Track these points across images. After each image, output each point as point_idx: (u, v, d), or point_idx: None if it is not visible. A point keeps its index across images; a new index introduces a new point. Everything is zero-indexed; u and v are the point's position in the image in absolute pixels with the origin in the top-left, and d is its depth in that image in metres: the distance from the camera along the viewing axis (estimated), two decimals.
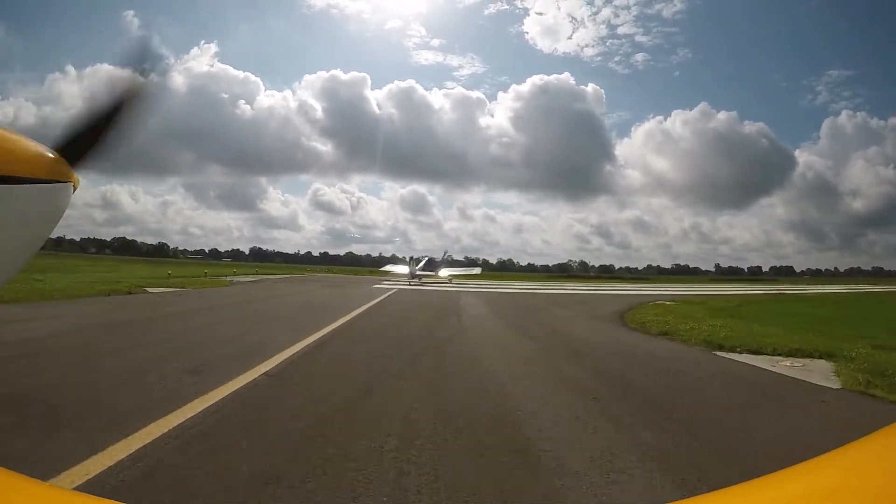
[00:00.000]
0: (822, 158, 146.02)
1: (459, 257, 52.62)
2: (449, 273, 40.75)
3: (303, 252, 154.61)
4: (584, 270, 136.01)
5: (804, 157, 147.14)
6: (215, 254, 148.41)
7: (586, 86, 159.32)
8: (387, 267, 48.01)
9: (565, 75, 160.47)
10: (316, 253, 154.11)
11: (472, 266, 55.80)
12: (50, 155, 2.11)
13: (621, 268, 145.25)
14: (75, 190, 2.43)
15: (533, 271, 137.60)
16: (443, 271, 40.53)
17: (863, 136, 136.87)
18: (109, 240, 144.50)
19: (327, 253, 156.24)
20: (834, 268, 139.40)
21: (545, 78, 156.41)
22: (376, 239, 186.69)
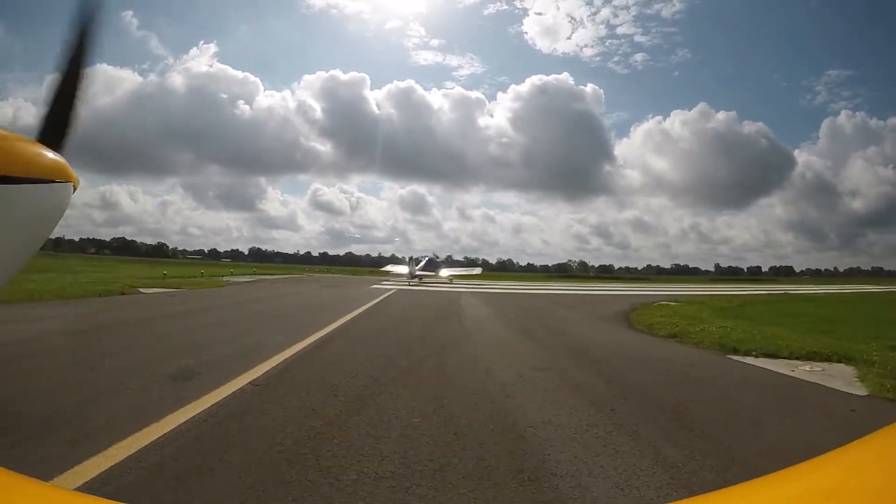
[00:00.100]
0: (821, 158, 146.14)
1: (459, 257, 52.32)
2: (449, 273, 40.49)
3: (302, 252, 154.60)
4: (583, 270, 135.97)
5: (803, 158, 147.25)
6: (214, 254, 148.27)
7: (585, 86, 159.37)
8: (387, 267, 47.77)
9: (564, 75, 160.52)
10: (315, 253, 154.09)
11: (472, 266, 55.48)
12: (50, 155, 2.08)
13: (621, 268, 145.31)
14: (75, 190, 2.38)
15: (532, 271, 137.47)
16: (443, 271, 40.30)
17: (862, 137, 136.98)
18: (109, 240, 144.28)
19: (327, 253, 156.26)
20: (833, 268, 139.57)
21: (544, 78, 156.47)
22: (376, 239, 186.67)
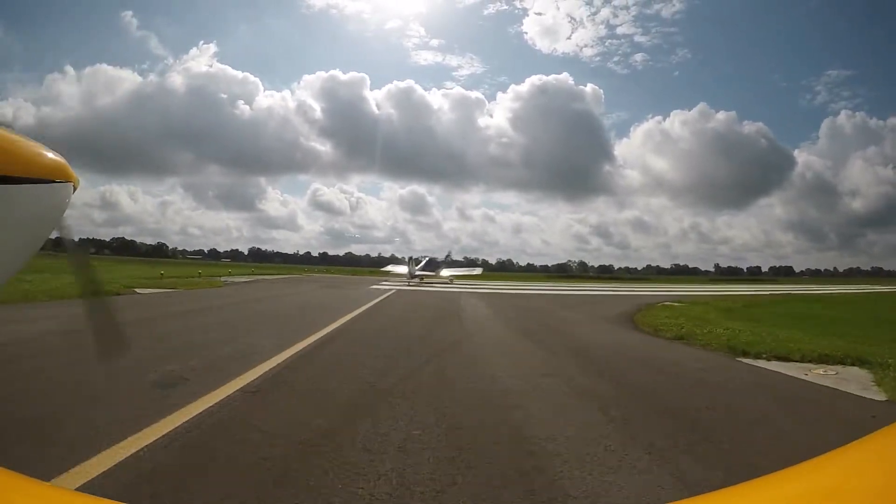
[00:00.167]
0: (821, 158, 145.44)
1: (459, 257, 51.94)
2: (450, 273, 40.30)
3: (302, 252, 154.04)
4: (583, 270, 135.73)
5: (803, 157, 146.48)
6: (214, 254, 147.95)
7: (585, 86, 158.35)
8: (388, 267, 47.59)
9: (564, 75, 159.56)
10: (315, 253, 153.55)
11: (472, 266, 55.31)
12: (50, 155, 2.07)
13: (620, 268, 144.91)
14: (75, 190, 2.36)
15: (532, 271, 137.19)
16: (444, 271, 40.10)
17: (862, 137, 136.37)
18: (108, 240, 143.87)
19: (326, 253, 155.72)
20: (833, 268, 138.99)
21: (544, 78, 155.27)
22: (375, 239, 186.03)
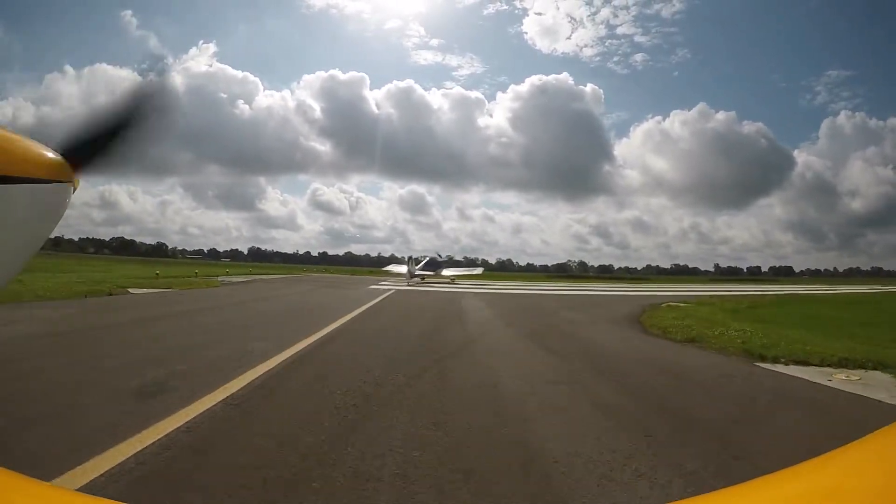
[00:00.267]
0: (820, 159, 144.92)
1: (459, 257, 51.56)
2: (453, 273, 39.99)
3: (301, 252, 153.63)
4: (583, 270, 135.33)
5: (803, 158, 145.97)
6: (214, 254, 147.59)
7: (585, 86, 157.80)
8: (388, 267, 47.31)
9: (564, 75, 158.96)
10: (315, 253, 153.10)
11: (473, 266, 54.99)
12: (50, 155, 2.07)
13: (620, 268, 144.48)
14: (75, 190, 2.38)
15: (532, 271, 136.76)
16: (446, 271, 39.78)
17: (862, 137, 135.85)
18: (108, 240, 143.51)
19: (326, 253, 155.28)
20: (833, 268, 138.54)
21: (544, 78, 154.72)
22: (375, 239, 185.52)
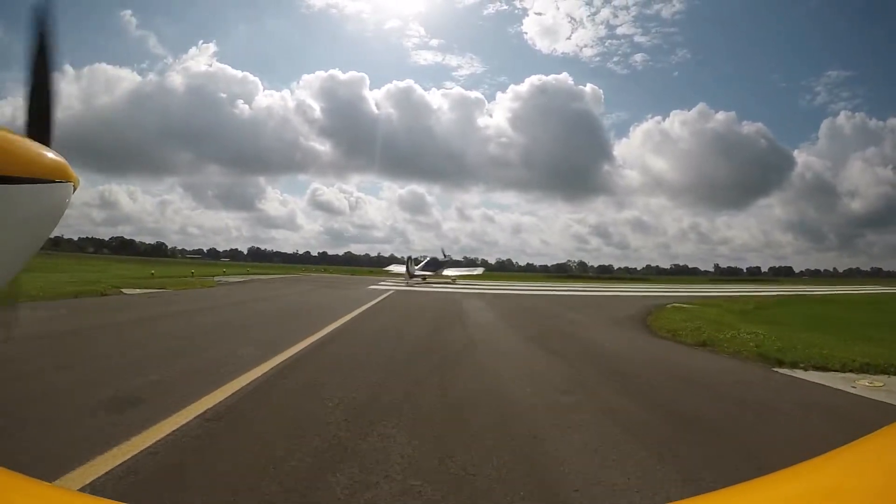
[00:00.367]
0: (820, 159, 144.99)
1: (458, 257, 51.24)
2: (456, 273, 39.66)
3: (301, 252, 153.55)
4: (582, 271, 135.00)
5: (803, 158, 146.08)
6: (213, 253, 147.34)
7: (585, 86, 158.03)
8: (389, 267, 47.12)
9: (564, 75, 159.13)
10: (314, 253, 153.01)
11: (473, 266, 54.70)
12: (50, 155, 2.07)
13: (620, 268, 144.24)
14: (75, 190, 2.36)
15: (532, 271, 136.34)
16: (447, 271, 39.44)
17: (861, 137, 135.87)
18: (107, 239, 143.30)
19: (326, 253, 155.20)
20: (833, 268, 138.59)
21: (544, 78, 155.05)
22: (375, 239, 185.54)
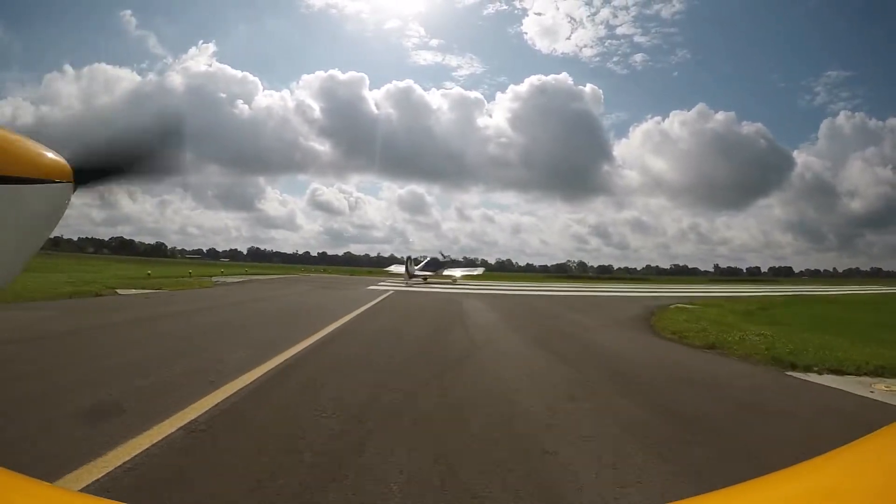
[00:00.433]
0: (820, 159, 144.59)
1: (458, 257, 51.05)
2: (460, 273, 39.43)
3: (301, 252, 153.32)
4: (582, 271, 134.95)
5: (802, 158, 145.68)
6: (213, 254, 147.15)
7: (584, 86, 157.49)
8: (390, 268, 46.99)
9: (563, 76, 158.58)
10: (314, 253, 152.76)
11: (473, 266, 54.54)
12: (50, 155, 2.06)
13: (620, 268, 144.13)
14: (75, 190, 2.35)
15: (531, 271, 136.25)
16: (452, 271, 39.18)
17: (861, 137, 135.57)
18: (107, 239, 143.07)
19: (325, 253, 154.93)
20: (833, 268, 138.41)
21: (543, 78, 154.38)
22: (375, 239, 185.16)
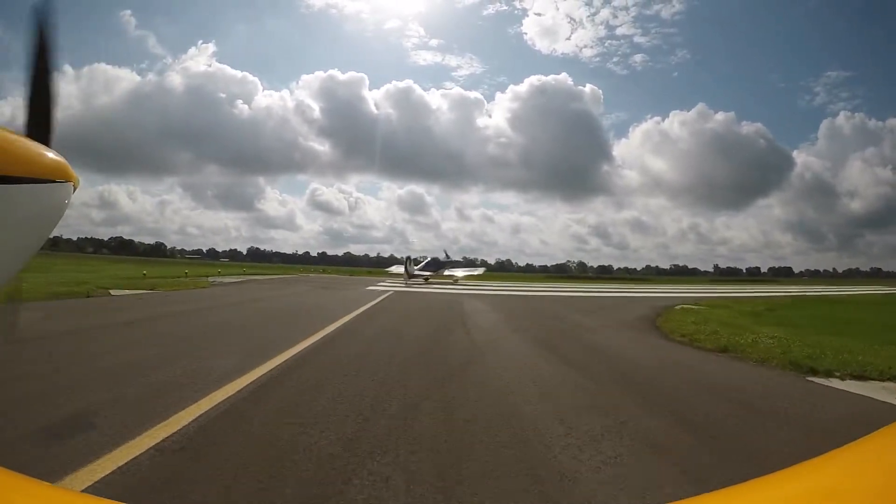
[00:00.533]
0: (819, 159, 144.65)
1: (458, 257, 50.74)
2: (463, 273, 39.11)
3: (301, 252, 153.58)
4: (582, 271, 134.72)
5: (802, 158, 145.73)
6: (213, 254, 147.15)
7: (584, 86, 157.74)
8: (391, 268, 46.86)
9: (563, 76, 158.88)
10: (314, 253, 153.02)
11: (474, 266, 54.26)
12: (50, 155, 2.07)
13: (619, 268, 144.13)
14: (75, 190, 2.32)
15: (531, 272, 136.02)
16: (449, 271, 38.87)
17: (860, 137, 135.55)
18: (107, 239, 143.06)
19: (325, 253, 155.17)
20: (832, 268, 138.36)
21: (543, 78, 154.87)
22: (374, 239, 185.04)
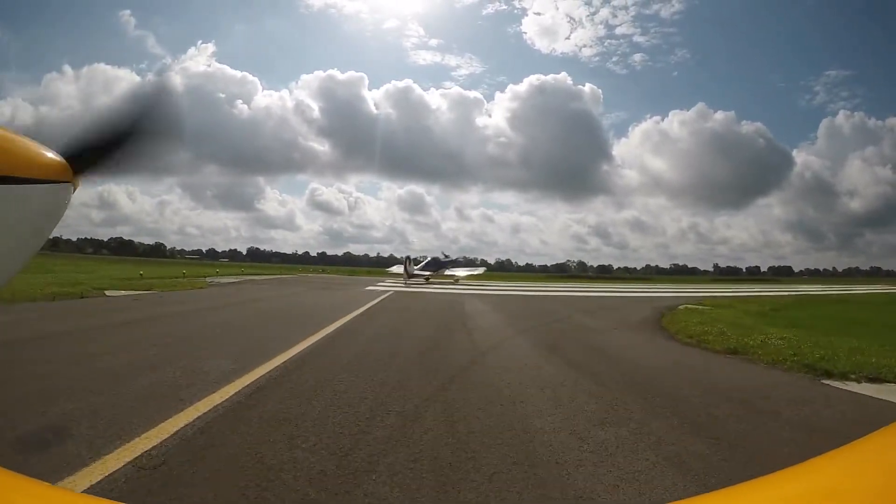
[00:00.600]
0: (819, 158, 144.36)
1: (458, 257, 50.57)
2: (465, 273, 38.89)
3: (300, 252, 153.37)
4: (582, 271, 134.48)
5: (802, 157, 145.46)
6: (213, 254, 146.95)
7: (584, 86, 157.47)
8: (391, 268, 46.78)
9: (563, 75, 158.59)
10: (314, 253, 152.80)
11: (474, 266, 54.04)
12: (50, 155, 2.03)
13: (619, 268, 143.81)
14: (75, 190, 2.27)
15: (531, 271, 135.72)
16: (453, 271, 38.66)
17: (860, 137, 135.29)
18: (106, 240, 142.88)
19: (325, 253, 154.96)
20: (832, 268, 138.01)
21: (543, 78, 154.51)
22: (374, 239, 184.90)
